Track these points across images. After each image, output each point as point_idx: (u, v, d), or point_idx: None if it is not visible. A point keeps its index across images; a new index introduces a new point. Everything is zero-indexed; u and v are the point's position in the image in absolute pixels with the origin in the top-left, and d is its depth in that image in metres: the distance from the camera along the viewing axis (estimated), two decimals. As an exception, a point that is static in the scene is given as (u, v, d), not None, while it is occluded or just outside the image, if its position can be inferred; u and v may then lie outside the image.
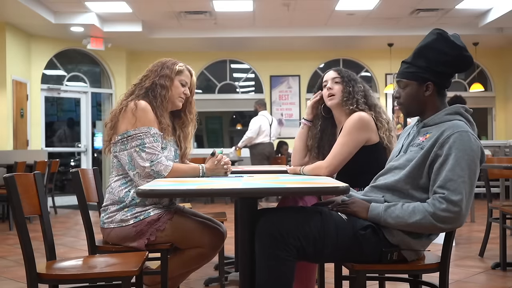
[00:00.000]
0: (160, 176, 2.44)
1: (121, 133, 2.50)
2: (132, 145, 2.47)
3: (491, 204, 4.30)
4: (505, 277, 3.77)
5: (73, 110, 10.56)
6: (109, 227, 2.50)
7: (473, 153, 2.00)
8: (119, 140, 2.51)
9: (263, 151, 8.42)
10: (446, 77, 2.14)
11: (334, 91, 2.80)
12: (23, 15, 7.96)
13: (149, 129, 2.49)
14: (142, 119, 2.49)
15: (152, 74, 2.64)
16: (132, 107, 2.50)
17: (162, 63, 2.68)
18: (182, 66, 2.70)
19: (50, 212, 7.67)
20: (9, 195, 2.00)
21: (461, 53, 2.10)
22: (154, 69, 2.66)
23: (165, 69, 2.65)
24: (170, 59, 2.72)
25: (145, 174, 2.44)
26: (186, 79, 2.70)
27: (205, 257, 2.59)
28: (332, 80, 2.83)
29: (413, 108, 2.19)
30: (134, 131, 2.47)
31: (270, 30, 9.51)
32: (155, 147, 2.47)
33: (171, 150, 2.62)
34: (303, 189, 2.03)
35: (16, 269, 4.12)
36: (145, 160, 2.43)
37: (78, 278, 2.06)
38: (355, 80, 2.82)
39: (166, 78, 2.62)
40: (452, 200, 1.95)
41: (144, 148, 2.45)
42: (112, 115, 2.58)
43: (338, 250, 2.03)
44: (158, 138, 2.52)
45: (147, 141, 2.46)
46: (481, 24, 8.86)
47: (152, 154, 2.45)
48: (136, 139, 2.47)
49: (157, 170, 2.43)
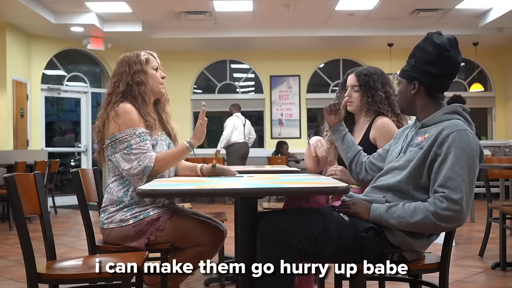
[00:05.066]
0: (147, 169, 2.42)
1: (109, 137, 2.51)
2: (120, 148, 2.47)
3: (491, 204, 4.30)
4: (505, 277, 3.77)
5: (73, 110, 10.56)
6: (109, 227, 2.50)
7: (472, 151, 2.00)
8: (109, 144, 2.51)
9: (239, 150, 8.86)
10: (434, 78, 2.13)
11: (352, 99, 2.87)
12: (23, 15, 7.96)
13: (134, 130, 2.48)
14: (126, 122, 2.48)
15: (124, 76, 2.58)
16: (113, 115, 2.50)
17: (127, 61, 2.61)
18: (145, 54, 2.65)
19: (50, 212, 7.67)
20: (9, 195, 2.00)
21: (439, 52, 2.10)
22: (123, 70, 2.60)
23: (134, 65, 2.59)
24: (130, 54, 2.65)
25: (134, 173, 2.43)
26: (154, 63, 2.66)
27: (206, 255, 2.58)
28: (352, 88, 2.87)
29: (403, 105, 2.25)
30: (121, 134, 2.48)
31: (270, 30, 9.51)
32: (142, 147, 2.46)
33: (163, 145, 2.60)
34: (303, 189, 2.03)
35: (16, 269, 4.12)
36: (132, 161, 2.44)
37: (78, 278, 2.06)
38: (375, 88, 2.81)
39: (139, 73, 2.58)
40: (452, 198, 1.95)
41: (131, 149, 2.45)
42: (97, 131, 2.57)
43: (340, 251, 2.03)
44: (146, 137, 2.51)
45: (133, 142, 2.46)
46: (481, 24, 8.86)
47: (139, 154, 2.45)
48: (123, 142, 2.47)
49: (144, 164, 2.42)
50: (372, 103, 2.80)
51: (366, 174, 2.41)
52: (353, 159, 2.49)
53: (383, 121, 2.76)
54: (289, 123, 10.94)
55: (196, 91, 11.15)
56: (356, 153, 2.50)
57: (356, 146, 2.53)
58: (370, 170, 2.40)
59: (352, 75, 2.89)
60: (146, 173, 2.43)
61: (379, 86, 2.82)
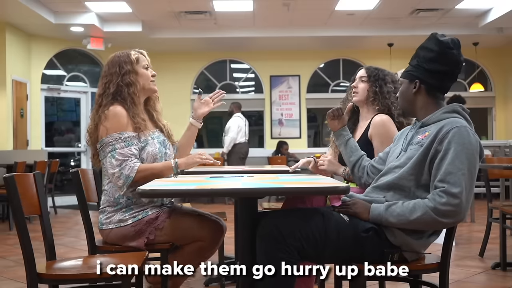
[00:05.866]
0: (128, 178, 2.42)
1: (99, 141, 2.52)
2: (107, 152, 2.48)
3: (491, 204, 4.30)
4: (505, 277, 3.77)
5: (73, 110, 10.56)
6: (108, 228, 2.50)
7: (472, 147, 2.01)
8: (100, 148, 2.53)
9: (240, 150, 8.81)
10: (435, 76, 2.14)
11: (358, 89, 2.86)
12: (23, 15, 7.96)
13: (120, 134, 2.48)
14: (114, 125, 2.49)
15: (114, 77, 2.57)
16: (103, 119, 2.51)
17: (117, 61, 2.60)
18: (136, 53, 2.64)
19: (50, 212, 7.67)
20: (9, 195, 2.00)
21: (442, 49, 2.11)
22: (113, 71, 2.59)
23: (124, 65, 2.58)
24: (119, 53, 2.64)
25: (115, 180, 2.44)
26: (145, 62, 2.65)
27: (205, 250, 2.56)
28: (360, 78, 2.88)
29: (404, 106, 2.26)
30: (107, 138, 2.48)
31: (270, 30, 9.51)
32: (125, 152, 2.46)
33: (155, 143, 2.58)
34: (303, 189, 2.02)
35: (16, 269, 4.12)
36: (115, 166, 2.44)
37: (78, 278, 2.06)
38: (384, 80, 2.82)
39: (130, 74, 2.57)
40: (452, 192, 1.95)
41: (115, 154, 2.45)
42: (89, 133, 2.58)
43: (339, 251, 2.03)
44: (132, 141, 2.50)
45: (118, 146, 2.46)
46: (481, 24, 8.86)
47: (122, 160, 2.44)
48: (108, 145, 2.48)
49: (125, 173, 2.43)
50: (379, 93, 2.80)
51: (368, 177, 2.42)
52: (356, 163, 2.49)
53: (381, 118, 2.75)
54: (289, 123, 10.93)
55: (196, 91, 11.15)
56: (359, 157, 2.50)
57: (359, 151, 2.53)
58: (371, 173, 2.41)
59: (362, 70, 2.92)
60: (126, 183, 2.43)
61: (389, 79, 2.84)
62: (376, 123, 2.75)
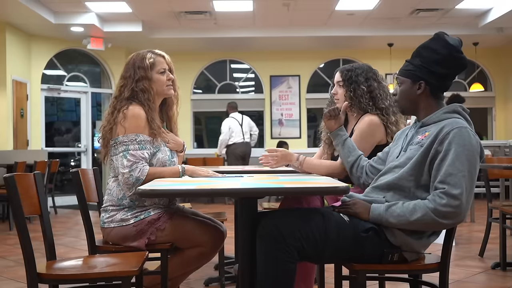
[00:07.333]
0: (139, 180, 2.42)
1: (114, 138, 2.52)
2: (119, 151, 2.48)
3: (491, 204, 4.30)
4: (505, 277, 3.77)
5: (73, 110, 10.56)
6: (109, 226, 2.51)
7: (472, 148, 2.01)
8: (112, 145, 2.52)
9: (235, 151, 8.87)
10: (440, 78, 2.13)
11: (338, 95, 2.85)
12: (23, 15, 7.96)
13: (136, 136, 2.48)
14: (132, 126, 2.49)
15: (129, 82, 2.56)
16: (121, 118, 2.50)
17: (132, 64, 2.58)
18: (152, 58, 2.59)
19: (50, 212, 7.67)
20: (9, 195, 2.00)
21: (451, 52, 2.10)
22: (128, 74, 2.57)
23: (138, 70, 2.56)
24: (136, 55, 2.61)
25: (125, 180, 2.45)
26: (162, 66, 2.61)
27: (206, 256, 2.59)
28: (337, 84, 2.86)
29: (406, 105, 2.23)
30: (123, 137, 2.48)
31: (270, 30, 9.51)
32: (137, 154, 2.46)
33: (165, 151, 2.59)
34: (303, 189, 2.02)
35: (16, 269, 4.12)
36: (125, 167, 2.44)
37: (78, 278, 2.06)
38: (357, 82, 2.78)
39: (143, 80, 2.55)
40: (452, 194, 1.95)
41: (127, 154, 2.45)
42: (103, 133, 2.56)
43: (339, 252, 2.03)
44: (146, 145, 2.51)
45: (131, 148, 2.47)
46: (481, 24, 8.86)
47: (133, 162, 2.44)
48: (122, 145, 2.48)
49: (135, 175, 2.43)
50: (354, 97, 2.76)
51: (367, 177, 2.41)
52: (354, 163, 2.49)
53: (370, 119, 2.72)
54: (289, 123, 10.93)
55: (196, 91, 11.15)
56: (357, 157, 2.49)
57: (357, 151, 2.52)
58: (370, 173, 2.40)
59: (337, 73, 2.88)
60: (136, 184, 2.43)
61: (362, 80, 2.78)
62: (364, 121, 2.74)
